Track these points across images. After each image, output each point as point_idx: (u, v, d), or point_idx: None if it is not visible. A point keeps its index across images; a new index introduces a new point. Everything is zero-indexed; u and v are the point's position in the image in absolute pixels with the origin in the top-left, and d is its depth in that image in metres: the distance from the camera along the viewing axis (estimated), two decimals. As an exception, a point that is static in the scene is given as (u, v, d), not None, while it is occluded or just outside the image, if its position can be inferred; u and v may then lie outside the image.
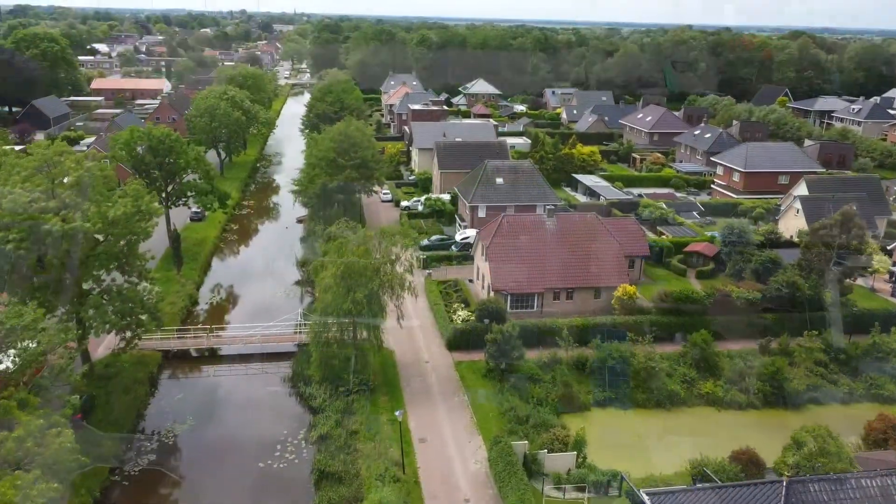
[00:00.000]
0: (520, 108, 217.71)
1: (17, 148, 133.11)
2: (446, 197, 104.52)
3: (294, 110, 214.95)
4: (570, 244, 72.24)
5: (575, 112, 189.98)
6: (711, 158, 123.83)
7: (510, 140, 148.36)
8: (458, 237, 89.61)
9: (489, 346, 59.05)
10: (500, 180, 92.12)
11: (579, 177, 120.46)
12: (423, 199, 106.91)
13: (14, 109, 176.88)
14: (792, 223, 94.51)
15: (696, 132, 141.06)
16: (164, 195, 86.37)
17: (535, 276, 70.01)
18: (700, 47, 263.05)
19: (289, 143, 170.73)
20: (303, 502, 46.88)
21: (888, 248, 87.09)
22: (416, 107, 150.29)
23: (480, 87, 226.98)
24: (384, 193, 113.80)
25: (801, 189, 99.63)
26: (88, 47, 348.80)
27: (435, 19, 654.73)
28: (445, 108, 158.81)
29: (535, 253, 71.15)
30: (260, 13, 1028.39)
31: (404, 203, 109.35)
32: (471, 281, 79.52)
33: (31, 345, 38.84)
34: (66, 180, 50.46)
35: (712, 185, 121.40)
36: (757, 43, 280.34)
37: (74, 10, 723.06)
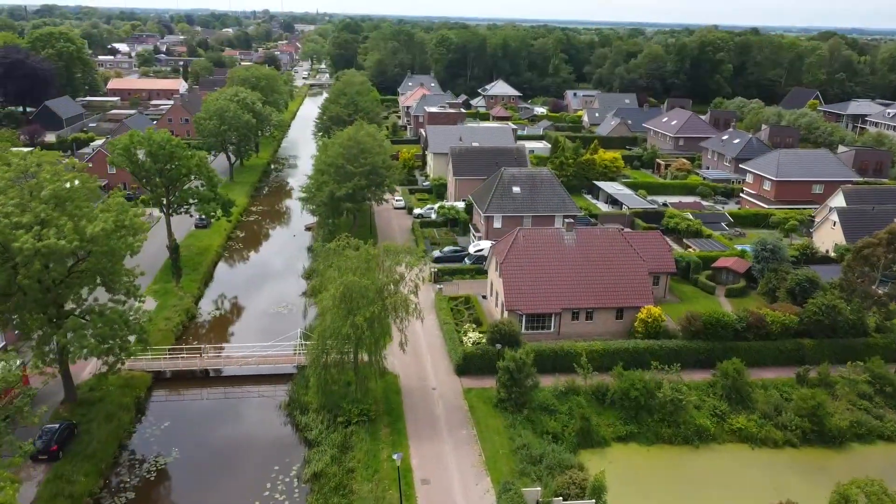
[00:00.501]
0: (540, 110, 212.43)
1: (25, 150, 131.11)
2: (461, 205, 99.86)
3: (311, 111, 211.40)
4: (590, 260, 67.31)
5: (597, 115, 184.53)
6: (741, 165, 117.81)
7: (529, 144, 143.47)
8: (471, 249, 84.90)
9: (501, 375, 54.42)
10: (516, 189, 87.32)
11: (601, 184, 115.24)
12: (436, 206, 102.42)
13: (28, 110, 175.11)
14: (828, 237, 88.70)
15: (724, 137, 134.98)
16: (165, 203, 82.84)
17: (553, 295, 65.13)
18: (727, 48, 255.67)
19: (304, 145, 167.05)
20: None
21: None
22: (433, 109, 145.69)
23: (500, 88, 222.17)
24: (397, 200, 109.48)
25: (838, 200, 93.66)
26: (109, 47, 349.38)
27: (456, 19, 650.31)
28: (463, 110, 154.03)
29: (552, 270, 66.28)
30: (283, 13, 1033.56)
31: (417, 210, 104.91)
32: (484, 297, 74.89)
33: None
34: (42, 193, 46.49)
35: (741, 194, 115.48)
36: (786, 43, 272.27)
37: (100, 9, 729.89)
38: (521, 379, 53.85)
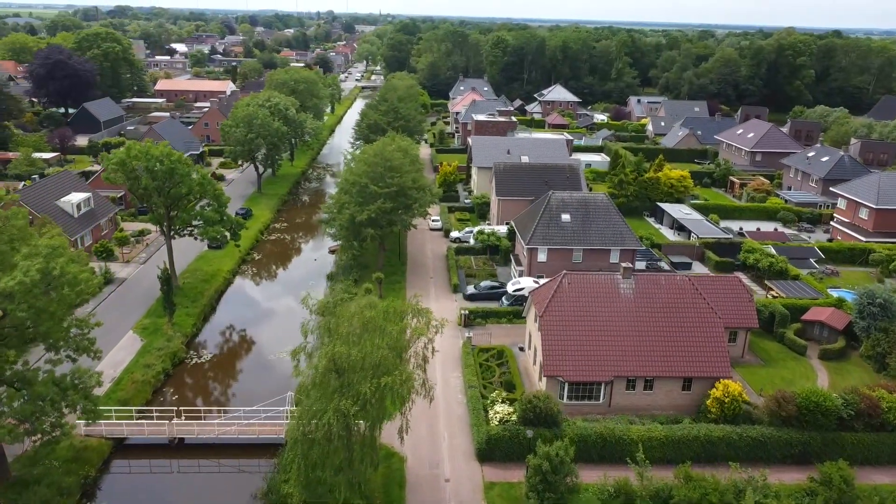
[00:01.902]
0: (600, 117, 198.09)
1: (48, 156, 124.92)
2: (503, 230, 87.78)
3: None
4: (651, 316, 54.40)
5: (663, 124, 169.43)
6: (832, 189, 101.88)
7: (586, 157, 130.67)
8: (510, 288, 72.63)
9: (531, 475, 42.30)
10: (566, 217, 74.82)
11: (665, 206, 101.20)
12: (475, 230, 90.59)
13: (70, 111, 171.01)
14: (946, 282, 73.14)
15: (810, 154, 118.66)
16: (166, 225, 73.63)
17: (603, 359, 52.54)
18: (808, 52, 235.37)
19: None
20: None
21: None
22: (480, 117, 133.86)
23: (558, 93, 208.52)
24: (433, 220, 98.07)
25: (958, 237, 77.76)
26: (167, 47, 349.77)
27: (519, 20, 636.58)
28: (514, 118, 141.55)
29: (603, 326, 53.69)
30: (346, 14, 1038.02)
31: (454, 234, 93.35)
32: (521, 349, 62.81)
33: None
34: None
35: (831, 222, 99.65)
36: (875, 47, 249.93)
37: (171, 10, 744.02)
38: (557, 482, 41.67)
